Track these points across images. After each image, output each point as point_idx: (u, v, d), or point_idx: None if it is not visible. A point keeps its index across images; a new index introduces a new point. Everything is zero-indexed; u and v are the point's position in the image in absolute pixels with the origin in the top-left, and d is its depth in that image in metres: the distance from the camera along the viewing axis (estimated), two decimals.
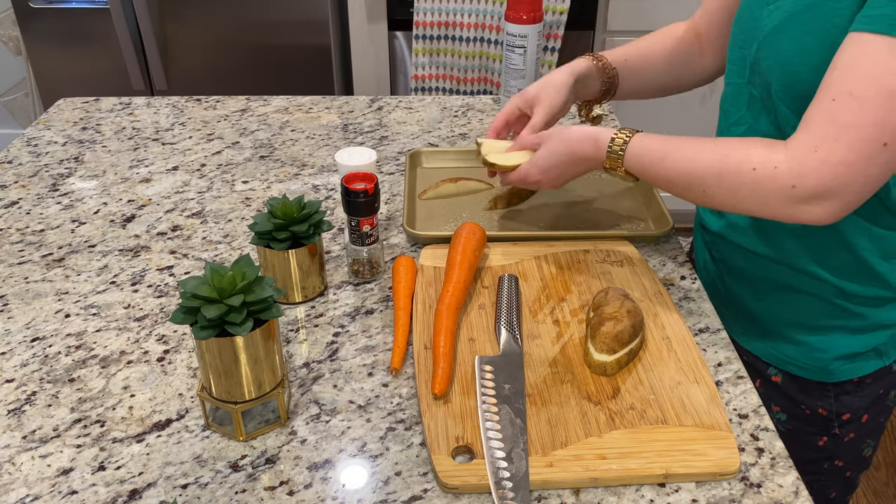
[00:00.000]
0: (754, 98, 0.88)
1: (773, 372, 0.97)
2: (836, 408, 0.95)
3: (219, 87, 2.22)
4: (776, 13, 0.82)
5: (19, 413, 0.77)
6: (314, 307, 0.92)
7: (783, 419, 0.98)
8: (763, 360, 0.97)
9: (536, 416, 0.74)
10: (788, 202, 0.74)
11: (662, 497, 0.68)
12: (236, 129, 1.36)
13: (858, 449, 1.00)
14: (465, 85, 2.23)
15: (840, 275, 0.88)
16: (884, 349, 0.93)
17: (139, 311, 0.91)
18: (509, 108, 1.05)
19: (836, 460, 1.00)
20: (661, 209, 1.08)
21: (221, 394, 0.72)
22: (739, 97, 0.91)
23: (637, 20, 2.26)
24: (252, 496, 0.69)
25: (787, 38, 0.80)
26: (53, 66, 2.26)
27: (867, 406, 0.95)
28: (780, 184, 0.74)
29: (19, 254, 1.02)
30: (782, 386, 0.97)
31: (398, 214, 1.10)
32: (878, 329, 0.91)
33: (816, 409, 0.96)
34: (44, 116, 1.41)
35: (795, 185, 0.73)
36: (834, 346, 0.92)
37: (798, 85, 0.79)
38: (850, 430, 0.97)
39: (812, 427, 0.97)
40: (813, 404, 0.96)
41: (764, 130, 0.87)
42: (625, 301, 0.83)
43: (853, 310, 0.90)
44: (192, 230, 1.07)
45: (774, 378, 0.97)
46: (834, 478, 1.01)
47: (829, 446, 0.98)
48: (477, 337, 0.85)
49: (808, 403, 0.96)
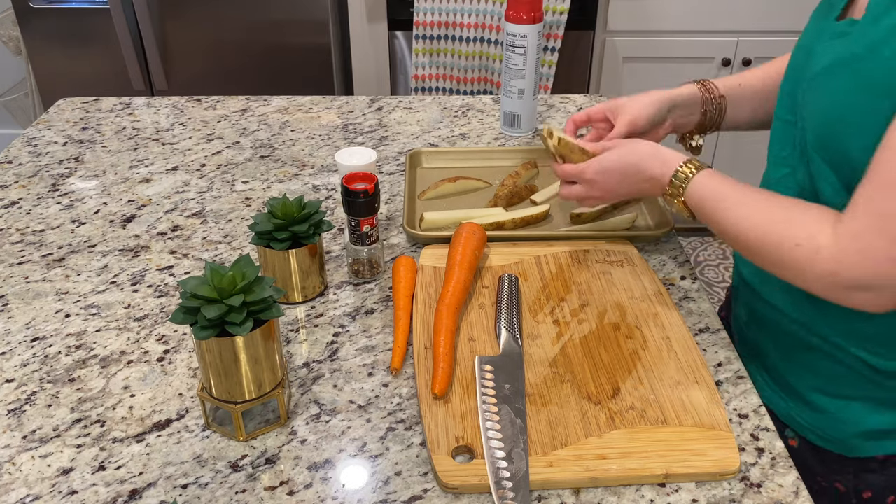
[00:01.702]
0: (797, 140, 0.83)
1: (791, 435, 0.91)
2: (854, 484, 0.87)
3: (219, 87, 2.22)
4: (826, 55, 0.76)
5: (19, 413, 0.77)
6: (314, 307, 0.92)
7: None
8: (781, 421, 0.91)
9: (536, 416, 0.74)
10: (831, 288, 0.71)
11: (662, 497, 0.68)
12: (236, 129, 1.36)
13: None
14: (465, 85, 2.23)
15: (871, 349, 0.81)
16: None
17: (139, 311, 0.91)
18: (595, 109, 1.02)
19: None
20: (662, 209, 1.08)
21: (221, 394, 0.72)
22: (786, 135, 0.85)
23: (637, 20, 2.26)
24: (252, 496, 0.69)
25: (827, 87, 0.75)
26: (53, 66, 2.26)
27: (894, 486, 0.87)
28: (820, 269, 0.70)
29: (19, 254, 1.02)
30: (799, 452, 0.90)
31: (398, 214, 1.10)
32: None
33: (833, 482, 0.88)
34: (44, 116, 1.41)
35: (836, 272, 0.70)
36: (859, 419, 0.85)
37: (830, 136, 0.75)
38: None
39: (825, 502, 0.90)
40: (830, 477, 0.88)
41: (801, 179, 0.82)
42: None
43: (883, 383, 0.83)
44: (192, 230, 1.07)
45: (791, 442, 0.91)
46: None
47: None
48: (477, 337, 0.85)
49: (825, 476, 0.89)
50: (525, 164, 1.17)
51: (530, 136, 1.33)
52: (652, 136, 1.00)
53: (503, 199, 1.10)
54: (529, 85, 1.28)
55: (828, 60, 0.76)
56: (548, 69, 2.14)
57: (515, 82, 1.27)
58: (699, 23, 2.27)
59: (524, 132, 1.33)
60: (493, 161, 1.22)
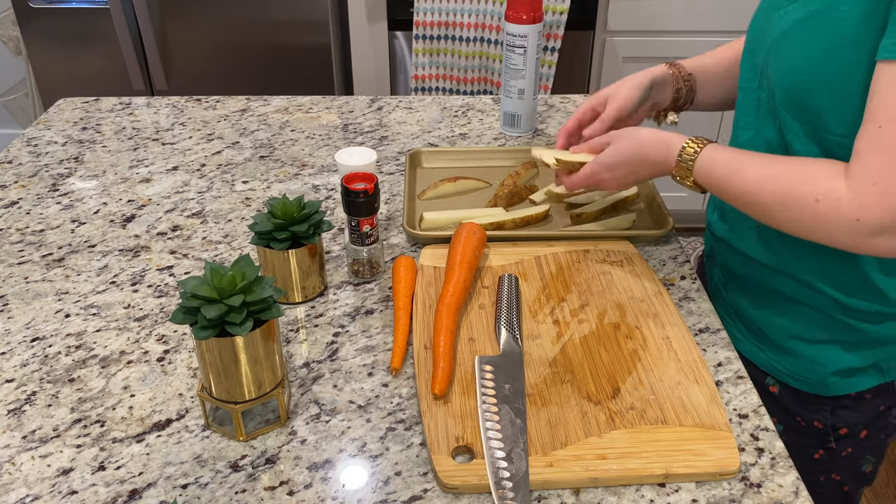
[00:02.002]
0: (762, 103, 0.88)
1: (771, 382, 0.97)
2: (832, 421, 0.94)
3: (219, 87, 2.22)
4: (784, 19, 0.82)
5: (19, 413, 0.77)
6: (314, 307, 0.92)
7: (779, 430, 0.95)
8: (760, 370, 0.97)
9: (536, 416, 0.74)
10: (855, 235, 0.72)
11: (662, 497, 0.68)
12: (236, 129, 1.36)
13: (857, 464, 0.98)
14: (465, 85, 2.23)
15: (840, 289, 0.87)
16: (885, 366, 0.92)
17: (139, 311, 0.91)
18: (583, 109, 1.04)
19: (832, 474, 0.99)
20: (661, 209, 1.08)
21: (221, 394, 0.72)
22: (749, 102, 0.91)
23: (637, 20, 2.26)
24: (252, 496, 0.69)
25: (792, 44, 0.80)
26: (53, 66, 2.26)
27: (866, 422, 0.94)
28: (845, 217, 0.72)
29: (19, 254, 1.02)
30: (779, 397, 0.96)
31: (398, 214, 1.10)
32: (878, 345, 0.90)
33: (812, 421, 0.95)
34: (44, 116, 1.41)
35: (859, 218, 0.71)
36: (832, 361, 0.91)
37: (799, 92, 0.79)
38: (848, 445, 0.96)
39: (808, 440, 0.96)
40: (809, 417, 0.95)
41: (768, 137, 0.87)
42: None
43: (852, 325, 0.89)
44: (192, 230, 1.07)
45: (772, 388, 0.97)
46: (831, 491, 1.00)
47: (825, 459, 0.97)
48: (477, 337, 0.85)
49: (803, 416, 0.95)
50: (525, 164, 1.17)
51: (530, 137, 1.33)
52: (635, 119, 1.03)
53: (503, 199, 1.10)
54: (529, 85, 1.28)
55: (787, 24, 0.81)
56: (548, 69, 2.14)
57: (515, 82, 1.27)
58: (699, 23, 2.27)
59: (524, 132, 1.33)
60: (493, 161, 1.22)
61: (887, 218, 0.70)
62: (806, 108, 0.78)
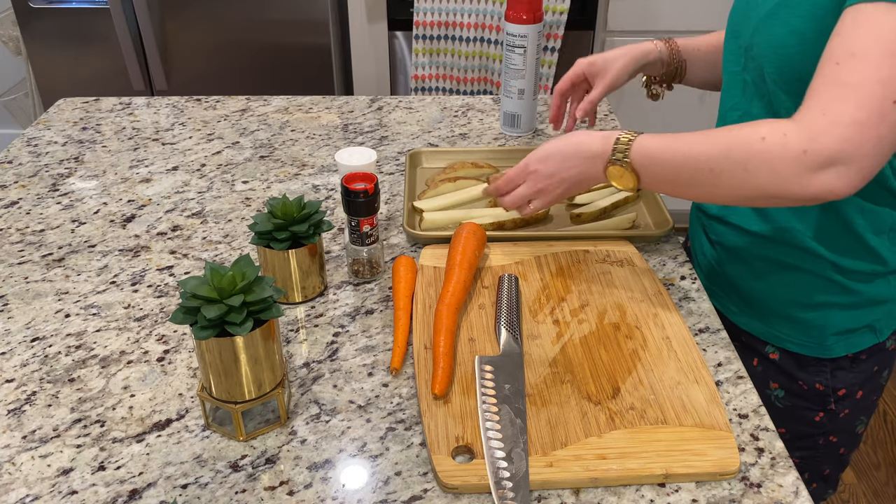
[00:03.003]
0: (748, 84, 0.90)
1: (771, 350, 0.99)
2: (832, 383, 0.97)
3: (219, 87, 2.22)
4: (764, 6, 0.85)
5: (19, 413, 0.77)
6: (314, 307, 0.92)
7: (781, 395, 1.00)
8: (760, 339, 1.00)
9: (536, 416, 0.74)
10: (802, 170, 0.70)
11: (662, 497, 0.68)
12: (236, 129, 1.36)
13: (852, 425, 1.03)
14: (465, 85, 2.23)
15: (835, 250, 0.90)
16: (878, 326, 0.95)
17: (139, 311, 0.91)
18: (575, 71, 1.13)
19: (830, 436, 1.02)
20: (661, 209, 1.08)
21: (221, 394, 0.72)
22: (734, 85, 0.93)
23: (637, 20, 2.26)
24: (252, 496, 0.69)
25: (779, 22, 0.82)
26: (53, 66, 2.26)
27: (861, 382, 0.98)
28: (791, 150, 0.71)
29: (19, 254, 1.02)
30: (780, 363, 0.99)
31: (398, 214, 1.10)
32: (872, 305, 0.93)
33: (814, 384, 0.98)
34: (44, 116, 1.41)
35: (807, 149, 0.70)
36: (830, 323, 0.94)
37: (791, 68, 0.81)
38: (846, 406, 0.99)
39: (809, 402, 0.99)
40: (810, 379, 0.98)
41: (758, 115, 0.89)
42: None
43: (848, 286, 0.92)
44: (192, 230, 1.07)
45: (772, 356, 0.99)
46: (828, 454, 1.04)
47: (825, 422, 1.00)
48: (477, 337, 0.85)
49: (805, 379, 0.98)
50: None
51: (530, 137, 1.33)
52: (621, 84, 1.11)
53: None
54: (529, 85, 1.28)
55: (771, 4, 0.83)
56: (548, 69, 2.14)
57: (515, 82, 1.27)
58: (699, 23, 2.27)
59: (524, 132, 1.33)
60: (493, 161, 1.22)
61: (835, 147, 0.69)
62: (798, 81, 0.79)
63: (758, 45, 0.86)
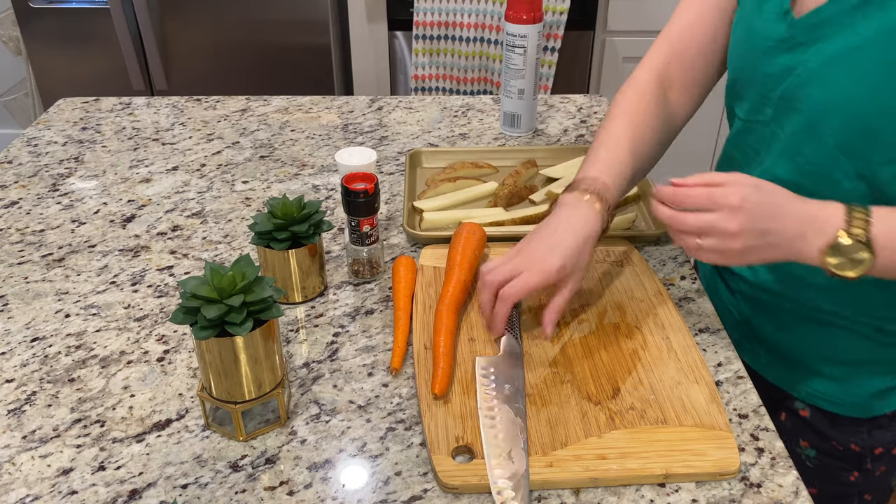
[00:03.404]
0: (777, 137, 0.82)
1: (801, 406, 0.93)
2: (869, 443, 0.91)
3: (219, 87, 2.22)
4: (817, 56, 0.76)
5: (19, 413, 0.77)
6: (314, 307, 0.92)
7: (812, 455, 0.94)
8: (786, 392, 0.93)
9: (536, 416, 0.74)
10: None
11: (662, 497, 0.68)
12: (236, 129, 1.36)
13: (888, 482, 0.96)
14: (465, 85, 2.23)
15: (877, 312, 0.84)
16: None
17: (139, 311, 0.91)
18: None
19: (865, 494, 0.96)
20: None
21: (221, 394, 0.72)
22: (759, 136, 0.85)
23: (637, 20, 2.26)
24: (252, 496, 0.69)
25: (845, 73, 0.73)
26: (53, 66, 2.26)
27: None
28: None
29: (19, 254, 1.02)
30: (811, 421, 0.92)
31: (398, 214, 1.10)
32: None
33: (849, 444, 0.91)
34: (44, 116, 1.41)
35: None
36: (871, 381, 0.88)
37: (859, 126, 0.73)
38: (882, 464, 0.93)
39: (843, 463, 0.92)
40: (845, 440, 0.91)
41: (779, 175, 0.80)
42: None
43: (892, 343, 0.86)
44: (192, 230, 1.07)
45: (802, 412, 0.93)
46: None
47: (860, 481, 0.93)
48: (477, 337, 0.85)
49: (839, 439, 0.91)
50: (525, 164, 1.17)
51: (530, 137, 1.33)
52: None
53: (503, 199, 1.10)
54: (529, 85, 1.28)
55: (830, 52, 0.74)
56: (548, 69, 2.14)
57: (515, 82, 1.27)
58: None
59: (524, 132, 1.33)
60: (493, 161, 1.22)
61: None
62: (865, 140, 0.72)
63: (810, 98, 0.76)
